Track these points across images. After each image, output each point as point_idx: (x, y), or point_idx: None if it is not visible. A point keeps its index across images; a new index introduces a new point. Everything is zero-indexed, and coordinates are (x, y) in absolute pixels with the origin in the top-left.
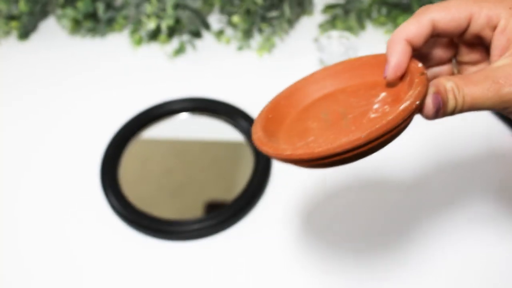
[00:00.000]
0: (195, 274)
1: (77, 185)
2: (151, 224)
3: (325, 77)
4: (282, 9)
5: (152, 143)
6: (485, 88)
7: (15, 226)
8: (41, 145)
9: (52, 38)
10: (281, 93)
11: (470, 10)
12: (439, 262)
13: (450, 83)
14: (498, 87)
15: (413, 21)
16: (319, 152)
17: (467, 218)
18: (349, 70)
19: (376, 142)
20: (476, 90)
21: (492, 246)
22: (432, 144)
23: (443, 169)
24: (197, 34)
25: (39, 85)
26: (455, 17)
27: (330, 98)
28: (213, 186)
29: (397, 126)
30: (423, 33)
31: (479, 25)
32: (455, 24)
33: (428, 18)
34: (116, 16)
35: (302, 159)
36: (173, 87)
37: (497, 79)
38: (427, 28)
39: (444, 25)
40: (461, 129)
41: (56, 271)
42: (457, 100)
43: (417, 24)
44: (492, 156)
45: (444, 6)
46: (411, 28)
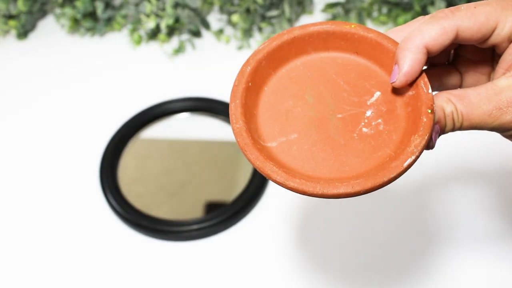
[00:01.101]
0: (194, 274)
1: (77, 185)
2: (150, 224)
3: (318, 35)
4: (282, 8)
5: (151, 143)
6: (486, 113)
7: (14, 226)
8: (40, 145)
9: (51, 37)
10: (262, 49)
11: (497, 18)
12: (440, 275)
13: (450, 107)
14: (499, 114)
15: (437, 26)
16: (313, 193)
17: (472, 234)
18: (345, 38)
19: (374, 190)
20: (476, 115)
21: (498, 261)
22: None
23: (447, 179)
24: (197, 33)
25: (38, 85)
26: (483, 28)
27: (317, 69)
28: (213, 186)
29: (399, 176)
30: (444, 42)
31: (501, 36)
32: (480, 36)
33: (454, 26)
34: (115, 15)
35: (291, 189)
36: (173, 87)
37: (500, 105)
38: (450, 37)
39: (468, 36)
40: (467, 141)
41: (56, 271)
42: (455, 124)
43: (441, 32)
44: (500, 169)
45: (472, 13)
46: (433, 35)
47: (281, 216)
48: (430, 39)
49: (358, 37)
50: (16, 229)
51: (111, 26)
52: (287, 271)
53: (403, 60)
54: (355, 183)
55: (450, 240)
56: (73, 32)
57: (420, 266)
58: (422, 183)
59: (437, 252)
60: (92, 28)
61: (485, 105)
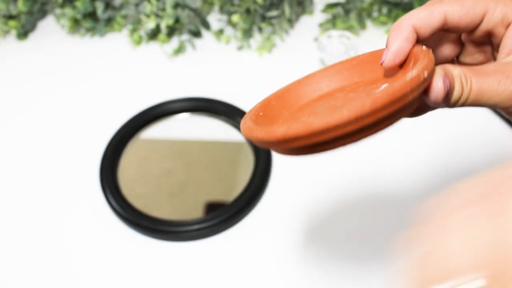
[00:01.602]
0: (195, 274)
1: (77, 185)
2: (150, 224)
3: (321, 78)
4: (282, 9)
5: (151, 143)
6: (495, 81)
7: (14, 226)
8: (40, 145)
9: (51, 37)
10: (273, 93)
11: (485, 6)
12: None
13: (458, 70)
14: (509, 82)
15: (424, 9)
16: (318, 125)
17: None
18: (347, 70)
19: (381, 114)
20: (485, 82)
21: None
22: (435, 149)
23: (447, 176)
24: (197, 33)
25: (38, 85)
26: (470, 12)
27: (326, 97)
28: (213, 186)
29: (405, 96)
30: (433, 24)
31: (493, 22)
32: (469, 19)
33: (442, 9)
34: (115, 16)
35: (299, 137)
36: (173, 87)
37: (509, 73)
38: (438, 20)
39: (457, 19)
40: (465, 136)
41: (55, 271)
42: (464, 89)
43: (429, 14)
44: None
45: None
46: (420, 16)
47: (281, 216)
48: (417, 20)
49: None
50: (16, 229)
51: (111, 26)
52: (287, 271)
53: (391, 39)
54: (350, 107)
55: None
56: (73, 33)
57: None
58: (427, 178)
59: None
60: (92, 29)
61: (494, 74)
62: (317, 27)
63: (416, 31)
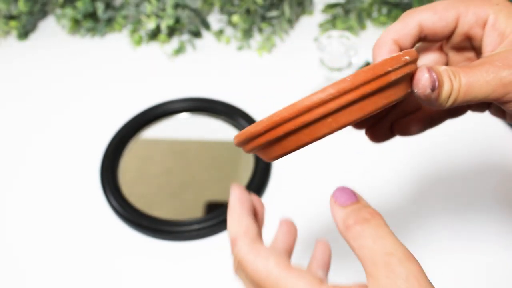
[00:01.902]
0: (195, 274)
1: (77, 185)
2: (150, 224)
3: None
4: (282, 9)
5: (152, 143)
6: (483, 71)
7: (14, 225)
8: (40, 145)
9: (51, 37)
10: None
11: (457, 10)
12: (440, 268)
13: (444, 66)
14: (497, 70)
15: (400, 22)
16: (303, 104)
17: (468, 227)
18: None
19: (364, 90)
20: (473, 74)
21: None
22: (435, 148)
23: (444, 176)
24: (197, 33)
25: (38, 85)
26: (443, 17)
27: None
28: (213, 186)
29: (386, 74)
30: (410, 34)
31: (468, 24)
32: (443, 24)
33: (415, 19)
34: (115, 16)
35: (283, 120)
36: (173, 87)
37: (494, 62)
38: (414, 29)
39: (431, 25)
40: (462, 135)
41: (56, 271)
42: (453, 84)
43: (404, 25)
44: (497, 163)
45: (431, 7)
46: (397, 29)
47: (280, 216)
48: (395, 33)
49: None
50: (16, 228)
51: (112, 26)
52: None
53: (375, 57)
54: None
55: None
56: (73, 33)
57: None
58: (427, 178)
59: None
60: (93, 29)
61: (481, 66)
62: (317, 27)
63: (397, 43)
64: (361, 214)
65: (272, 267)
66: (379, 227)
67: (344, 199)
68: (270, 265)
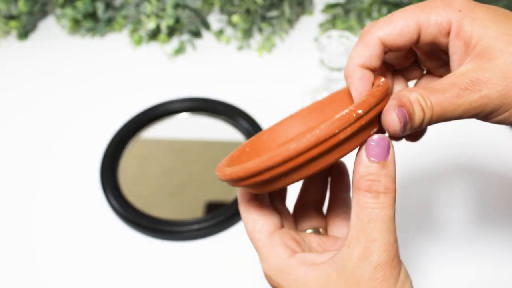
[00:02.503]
0: (195, 274)
1: (77, 185)
2: (150, 224)
3: (309, 112)
4: (282, 9)
5: (152, 143)
6: (454, 95)
7: (14, 225)
8: (40, 145)
9: (51, 38)
10: (265, 129)
11: (417, 20)
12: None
13: (414, 94)
14: (467, 93)
15: (360, 44)
16: (252, 171)
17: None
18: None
19: (309, 155)
20: (444, 99)
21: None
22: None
23: (447, 176)
24: (197, 33)
25: (38, 85)
26: (403, 31)
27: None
28: (213, 186)
29: (334, 135)
30: (374, 55)
31: (431, 34)
32: (404, 38)
33: (375, 37)
34: (115, 16)
35: (239, 177)
36: (173, 87)
37: (465, 85)
38: (377, 49)
39: (392, 41)
40: (465, 135)
41: (55, 270)
42: (425, 111)
43: (366, 47)
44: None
45: (389, 20)
46: (360, 53)
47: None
48: (361, 59)
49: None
50: (16, 228)
51: (112, 26)
52: None
53: (351, 87)
54: (274, 152)
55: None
56: (73, 33)
57: (414, 264)
58: (428, 181)
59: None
60: (93, 29)
61: (451, 89)
62: (317, 27)
63: (365, 67)
64: (378, 183)
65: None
66: (384, 208)
67: (375, 152)
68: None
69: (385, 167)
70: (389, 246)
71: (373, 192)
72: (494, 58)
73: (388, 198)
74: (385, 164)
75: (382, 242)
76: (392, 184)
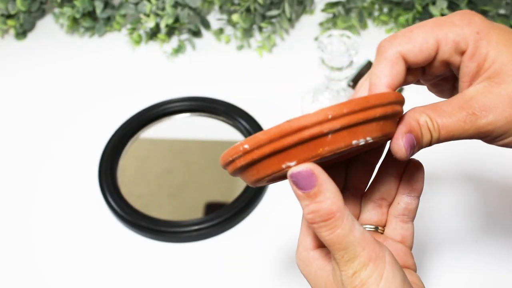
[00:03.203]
0: (194, 276)
1: (75, 185)
2: (150, 225)
3: None
4: (283, 8)
5: (151, 143)
6: (461, 120)
7: (12, 226)
8: (39, 145)
9: (50, 37)
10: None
11: (436, 37)
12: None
13: (424, 117)
14: (474, 119)
15: (382, 62)
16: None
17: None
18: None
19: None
20: (452, 122)
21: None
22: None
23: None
24: (197, 33)
25: (36, 85)
26: (423, 48)
27: None
28: (213, 187)
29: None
30: (399, 71)
31: (447, 52)
32: (425, 55)
33: (397, 53)
34: (114, 15)
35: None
36: (173, 87)
37: (472, 110)
38: (400, 65)
39: (414, 57)
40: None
41: (54, 272)
42: (432, 134)
43: (389, 64)
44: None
45: (409, 36)
46: (385, 72)
47: (281, 217)
48: (386, 78)
49: None
50: (14, 229)
51: (111, 25)
52: (287, 271)
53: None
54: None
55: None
56: (72, 32)
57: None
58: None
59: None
60: (91, 28)
61: (459, 113)
62: (317, 26)
63: (393, 85)
64: (319, 213)
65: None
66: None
67: (301, 185)
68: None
69: (318, 194)
70: (360, 257)
71: (319, 223)
72: (504, 83)
73: (337, 220)
74: (316, 192)
75: (351, 257)
76: (334, 205)
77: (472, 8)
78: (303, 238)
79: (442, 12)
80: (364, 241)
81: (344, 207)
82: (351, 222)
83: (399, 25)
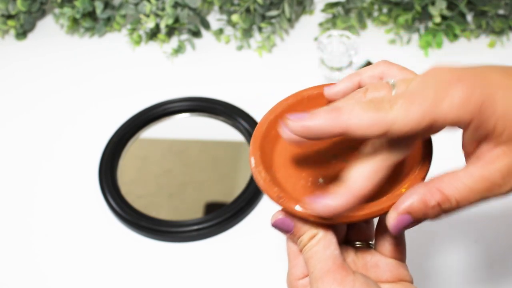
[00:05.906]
0: (194, 275)
1: (76, 185)
2: (150, 225)
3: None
4: (282, 8)
5: (151, 143)
6: (484, 189)
7: (12, 226)
8: (39, 145)
9: (50, 37)
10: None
11: (435, 116)
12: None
13: (435, 198)
14: (498, 188)
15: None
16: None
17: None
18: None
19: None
20: (473, 196)
21: None
22: None
23: None
24: (197, 33)
25: (36, 85)
26: (419, 124)
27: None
28: (213, 187)
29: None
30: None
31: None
32: (421, 128)
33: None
34: (114, 15)
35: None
36: (172, 87)
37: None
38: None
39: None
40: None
41: (54, 272)
42: (446, 211)
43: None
44: None
45: (407, 110)
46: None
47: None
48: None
49: None
50: (15, 229)
51: (111, 26)
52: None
53: None
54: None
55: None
56: (72, 32)
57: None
58: None
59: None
60: (92, 28)
61: (481, 184)
62: (317, 26)
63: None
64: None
65: None
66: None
67: (283, 230)
68: None
69: (295, 233)
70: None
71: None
72: None
73: (320, 239)
74: (294, 232)
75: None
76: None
77: (472, 9)
78: (291, 267)
79: (441, 12)
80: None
81: None
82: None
83: (398, 26)
